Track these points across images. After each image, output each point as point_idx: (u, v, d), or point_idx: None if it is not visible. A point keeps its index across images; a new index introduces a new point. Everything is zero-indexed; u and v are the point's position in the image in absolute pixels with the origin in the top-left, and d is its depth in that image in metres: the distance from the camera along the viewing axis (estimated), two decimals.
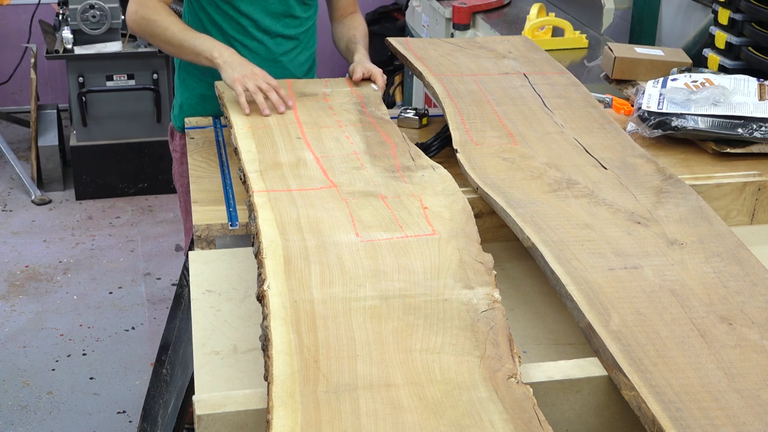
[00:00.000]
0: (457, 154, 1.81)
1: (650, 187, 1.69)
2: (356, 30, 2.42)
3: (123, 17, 4.31)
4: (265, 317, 1.27)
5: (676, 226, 1.56)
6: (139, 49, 4.33)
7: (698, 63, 2.57)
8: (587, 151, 1.83)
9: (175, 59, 2.45)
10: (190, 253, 1.66)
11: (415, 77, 4.46)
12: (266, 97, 2.00)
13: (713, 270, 1.44)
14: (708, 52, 2.58)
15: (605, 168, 1.76)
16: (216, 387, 1.29)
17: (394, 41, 2.43)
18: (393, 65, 5.07)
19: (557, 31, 3.37)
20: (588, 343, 1.32)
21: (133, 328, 3.44)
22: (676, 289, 1.39)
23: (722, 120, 1.98)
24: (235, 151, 1.83)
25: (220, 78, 2.12)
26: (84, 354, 3.28)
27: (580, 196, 1.65)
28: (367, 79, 2.22)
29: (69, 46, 4.22)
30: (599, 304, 1.34)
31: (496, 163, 1.77)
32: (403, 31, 4.78)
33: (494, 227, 1.73)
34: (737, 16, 2.47)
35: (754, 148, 1.97)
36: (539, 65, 2.29)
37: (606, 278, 1.41)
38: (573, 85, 2.18)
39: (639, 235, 1.53)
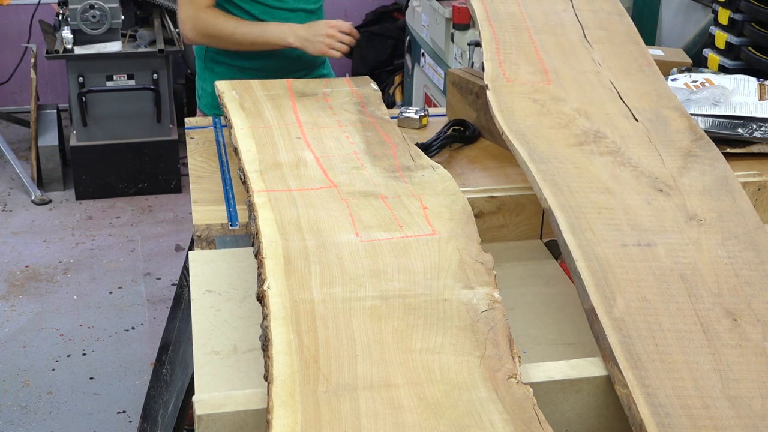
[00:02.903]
0: (487, 92, 1.75)
1: (679, 147, 1.63)
2: None
3: (123, 17, 4.32)
4: (265, 317, 1.27)
5: (698, 198, 1.51)
6: (139, 49, 4.34)
7: (698, 63, 2.57)
8: (621, 98, 1.75)
9: (195, 49, 2.50)
10: (190, 253, 1.66)
11: (415, 77, 4.46)
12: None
13: (728, 254, 1.41)
14: (708, 52, 2.58)
15: (636, 120, 1.69)
16: (216, 387, 1.29)
17: None
18: (393, 65, 5.07)
19: None
20: (589, 325, 1.31)
21: (133, 328, 3.44)
22: (687, 274, 1.36)
23: (722, 120, 1.98)
24: (235, 151, 1.83)
25: (248, 62, 2.36)
26: (84, 354, 3.28)
27: (606, 153, 1.59)
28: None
29: (69, 46, 4.23)
30: (606, 285, 1.32)
31: (526, 106, 1.70)
32: (403, 31, 4.78)
33: (494, 227, 1.73)
34: (737, 16, 2.47)
35: (754, 148, 1.97)
36: None
37: (617, 255, 1.38)
38: (618, 15, 2.06)
39: (659, 206, 1.48)
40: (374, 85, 2.19)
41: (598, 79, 1.82)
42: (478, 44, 3.54)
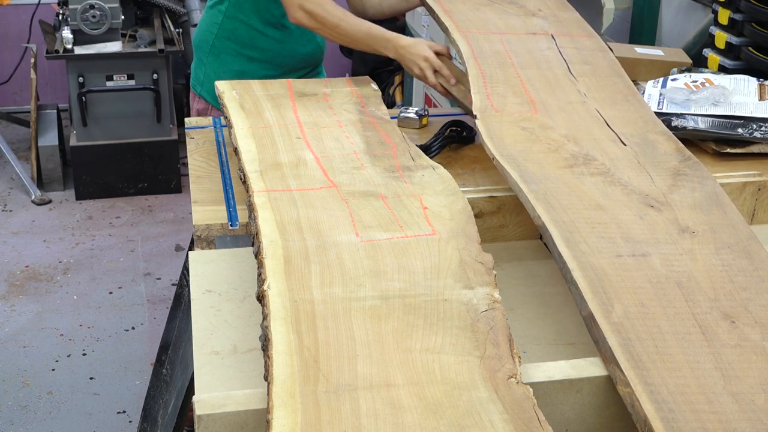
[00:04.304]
0: (476, 121, 1.78)
1: (668, 168, 1.66)
2: None
3: (123, 17, 4.32)
4: (265, 317, 1.27)
5: (690, 212, 1.54)
6: (139, 49, 4.34)
7: (698, 63, 2.57)
8: (608, 125, 1.79)
9: (203, 36, 2.51)
10: (190, 253, 1.66)
11: (415, 80, 4.46)
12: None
13: (722, 262, 1.42)
14: (708, 52, 2.58)
15: (624, 144, 1.72)
16: (216, 387, 1.29)
17: None
18: (393, 65, 5.07)
19: None
20: (588, 333, 1.31)
21: (133, 328, 3.44)
22: (683, 281, 1.37)
23: (722, 120, 1.98)
24: (235, 151, 1.83)
25: (258, 53, 2.36)
26: (84, 354, 3.28)
27: (596, 174, 1.62)
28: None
29: (69, 46, 4.23)
30: (603, 292, 1.33)
31: (515, 133, 1.74)
32: (404, 31, 4.77)
33: (494, 227, 1.73)
34: (737, 16, 2.47)
35: (754, 148, 1.97)
36: (568, 26, 2.22)
37: (613, 265, 1.39)
38: (600, 51, 2.11)
39: (651, 220, 1.50)
40: (374, 85, 2.19)
41: (585, 109, 1.86)
42: None
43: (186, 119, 2.25)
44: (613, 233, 1.47)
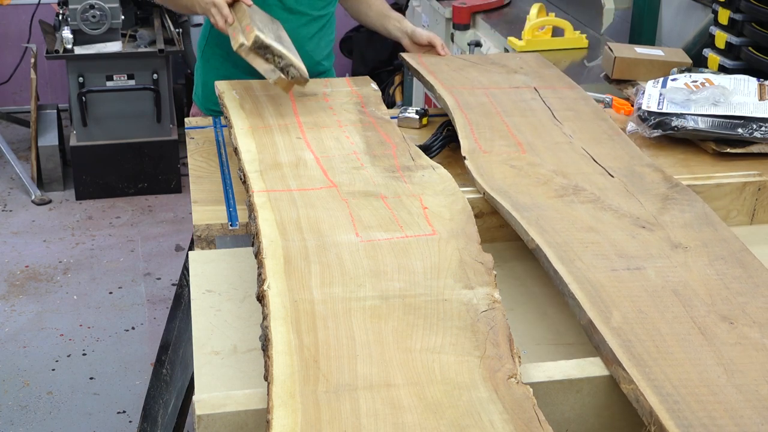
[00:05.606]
0: (465, 161, 1.82)
1: (656, 194, 1.70)
2: (381, 2, 2.60)
3: (123, 17, 4.32)
4: (265, 317, 1.27)
5: (681, 230, 1.57)
6: (139, 49, 4.34)
7: (698, 63, 2.57)
8: (595, 160, 1.83)
9: (199, 43, 2.52)
10: (190, 253, 1.66)
11: (415, 79, 4.46)
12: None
13: (716, 272, 1.45)
14: (708, 52, 2.58)
15: (612, 176, 1.77)
16: (216, 387, 1.29)
17: (407, 57, 2.45)
18: (393, 65, 5.07)
19: (557, 31, 3.37)
20: (589, 340, 1.32)
21: (133, 328, 3.44)
22: (679, 290, 1.39)
23: (722, 120, 1.98)
24: (235, 151, 1.83)
25: (242, 60, 2.31)
26: (84, 354, 3.28)
27: (586, 202, 1.65)
28: (428, 46, 2.46)
29: (69, 46, 4.23)
30: (601, 302, 1.35)
31: (504, 170, 1.78)
32: None
33: (494, 227, 1.73)
34: (737, 16, 2.47)
35: (754, 148, 1.97)
36: (550, 80, 2.30)
37: (608, 278, 1.41)
38: (583, 99, 2.18)
39: (643, 239, 1.53)
40: (374, 85, 2.19)
41: (571, 148, 1.90)
42: (477, 44, 3.55)
43: (186, 119, 2.25)
44: (606, 251, 1.49)
